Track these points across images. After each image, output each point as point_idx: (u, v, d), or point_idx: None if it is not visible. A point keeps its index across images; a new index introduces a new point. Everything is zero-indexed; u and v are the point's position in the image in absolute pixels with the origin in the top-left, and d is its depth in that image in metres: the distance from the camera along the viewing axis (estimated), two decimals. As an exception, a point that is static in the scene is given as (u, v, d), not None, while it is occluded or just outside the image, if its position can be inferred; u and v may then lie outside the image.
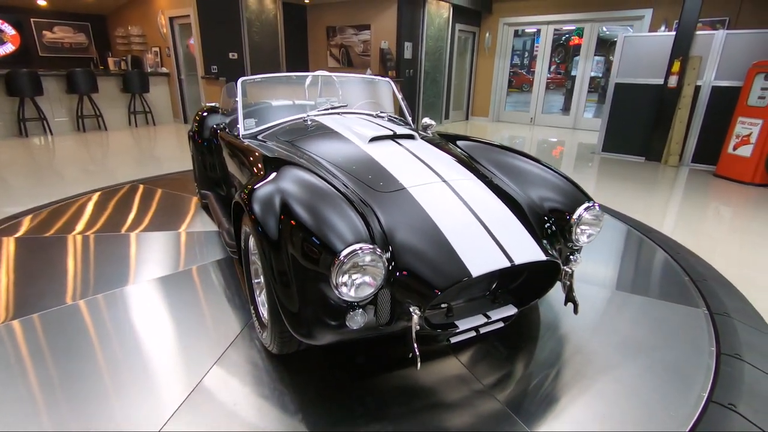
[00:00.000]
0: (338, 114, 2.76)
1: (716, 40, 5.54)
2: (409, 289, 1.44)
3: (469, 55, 10.30)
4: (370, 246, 1.36)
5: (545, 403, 1.61)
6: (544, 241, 1.69)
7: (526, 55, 14.88)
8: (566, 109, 10.54)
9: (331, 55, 9.33)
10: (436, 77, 9.36)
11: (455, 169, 1.97)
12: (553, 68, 11.06)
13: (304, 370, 1.76)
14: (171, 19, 8.28)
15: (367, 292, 1.37)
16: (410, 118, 3.15)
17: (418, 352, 1.41)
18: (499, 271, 1.53)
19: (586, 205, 1.83)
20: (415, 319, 1.40)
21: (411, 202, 1.67)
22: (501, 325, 1.70)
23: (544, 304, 2.26)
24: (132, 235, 3.10)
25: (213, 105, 3.58)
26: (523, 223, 1.69)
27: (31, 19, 9.29)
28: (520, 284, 1.81)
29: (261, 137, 2.56)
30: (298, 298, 1.41)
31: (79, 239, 3.02)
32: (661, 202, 4.43)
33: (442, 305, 1.66)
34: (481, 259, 1.49)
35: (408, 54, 8.32)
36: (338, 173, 1.89)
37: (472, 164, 2.13)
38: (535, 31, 9.99)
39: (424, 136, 2.44)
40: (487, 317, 1.65)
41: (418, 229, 1.56)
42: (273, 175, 1.67)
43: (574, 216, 1.81)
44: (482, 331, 1.65)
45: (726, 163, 5.35)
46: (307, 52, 9.70)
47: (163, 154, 6.31)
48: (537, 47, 10.09)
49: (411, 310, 1.41)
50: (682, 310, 2.28)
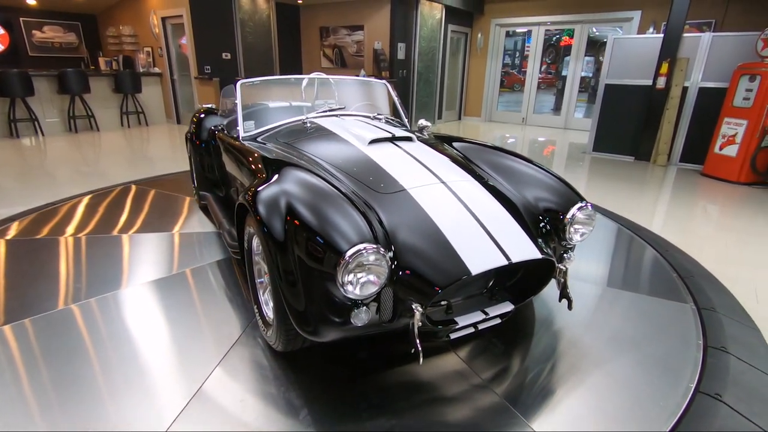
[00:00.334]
0: (336, 116, 2.80)
1: (703, 42, 5.66)
2: (411, 287, 1.49)
3: (462, 55, 10.38)
4: (374, 246, 1.41)
5: (541, 395, 1.68)
6: (540, 240, 1.76)
7: (518, 54, 15.01)
8: (557, 109, 10.66)
9: (325, 55, 9.34)
10: (429, 78, 9.43)
11: (453, 171, 2.03)
12: (544, 68, 11.19)
13: (308, 368, 1.80)
14: (163, 19, 8.24)
15: (372, 290, 1.42)
16: (406, 120, 3.20)
17: (420, 348, 1.46)
18: (497, 269, 1.59)
19: (579, 204, 1.90)
20: (418, 315, 1.45)
21: (411, 203, 1.73)
22: (498, 321, 1.76)
23: (539, 301, 2.32)
24: (125, 237, 3.07)
25: (210, 106, 3.57)
26: (519, 223, 1.76)
27: (21, 19, 9.16)
28: (517, 282, 1.87)
29: (260, 139, 2.59)
30: (305, 297, 1.46)
31: (71, 241, 2.99)
32: (651, 201, 4.54)
33: (442, 302, 1.71)
34: (479, 258, 1.55)
35: (401, 54, 8.37)
36: (340, 175, 1.94)
37: (468, 165, 2.19)
38: (527, 31, 10.10)
39: (420, 138, 2.49)
40: (485, 314, 1.71)
41: (419, 229, 1.62)
42: (276, 177, 1.71)
43: (568, 215, 1.88)
44: (480, 327, 1.72)
45: (713, 163, 5.47)
46: (301, 53, 9.71)
47: (156, 154, 6.28)
48: (528, 47, 10.20)
49: (413, 307, 1.47)
50: (671, 305, 2.36)
